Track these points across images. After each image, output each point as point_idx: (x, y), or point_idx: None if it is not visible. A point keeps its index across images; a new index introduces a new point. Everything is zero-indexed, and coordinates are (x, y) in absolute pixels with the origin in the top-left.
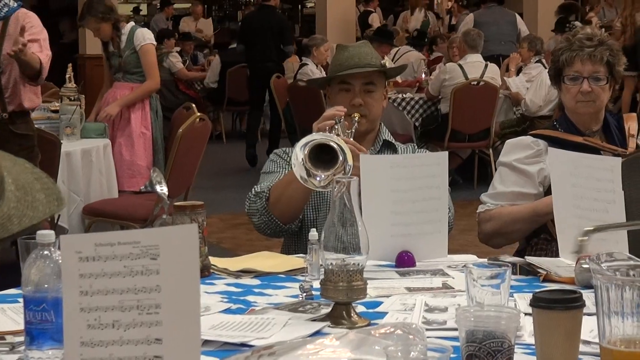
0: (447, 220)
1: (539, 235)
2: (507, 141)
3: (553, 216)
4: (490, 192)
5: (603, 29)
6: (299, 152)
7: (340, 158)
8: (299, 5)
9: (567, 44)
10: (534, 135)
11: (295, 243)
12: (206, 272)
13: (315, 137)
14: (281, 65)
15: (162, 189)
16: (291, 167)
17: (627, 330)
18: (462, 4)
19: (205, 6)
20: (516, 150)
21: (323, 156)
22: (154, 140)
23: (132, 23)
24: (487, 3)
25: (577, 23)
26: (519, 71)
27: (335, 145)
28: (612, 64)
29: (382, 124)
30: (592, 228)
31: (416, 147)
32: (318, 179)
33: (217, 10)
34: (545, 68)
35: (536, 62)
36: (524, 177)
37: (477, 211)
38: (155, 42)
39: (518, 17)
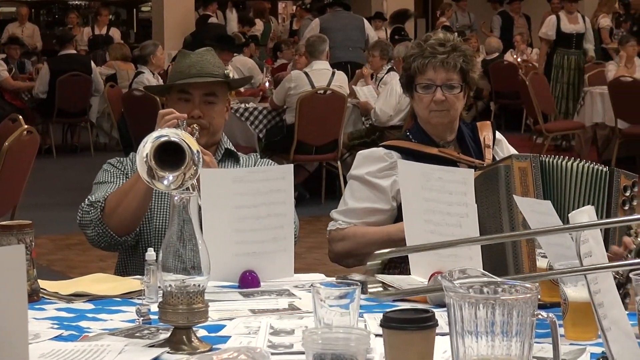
0: (293, 238)
1: None
2: (359, 152)
3: None
4: (341, 208)
5: (456, 34)
6: (148, 145)
7: (188, 156)
8: (134, 9)
9: (419, 50)
10: (387, 147)
11: (130, 258)
12: (35, 296)
13: (165, 132)
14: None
15: None
16: (126, 178)
17: (482, 350)
18: (304, 8)
19: (33, 10)
20: (368, 163)
21: (168, 158)
22: None
23: None
24: (332, 7)
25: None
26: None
27: (184, 144)
28: (466, 71)
29: (224, 134)
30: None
31: (259, 156)
32: (166, 182)
33: (46, 14)
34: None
35: (388, 70)
36: (376, 192)
37: (328, 229)
38: None
39: (366, 22)
